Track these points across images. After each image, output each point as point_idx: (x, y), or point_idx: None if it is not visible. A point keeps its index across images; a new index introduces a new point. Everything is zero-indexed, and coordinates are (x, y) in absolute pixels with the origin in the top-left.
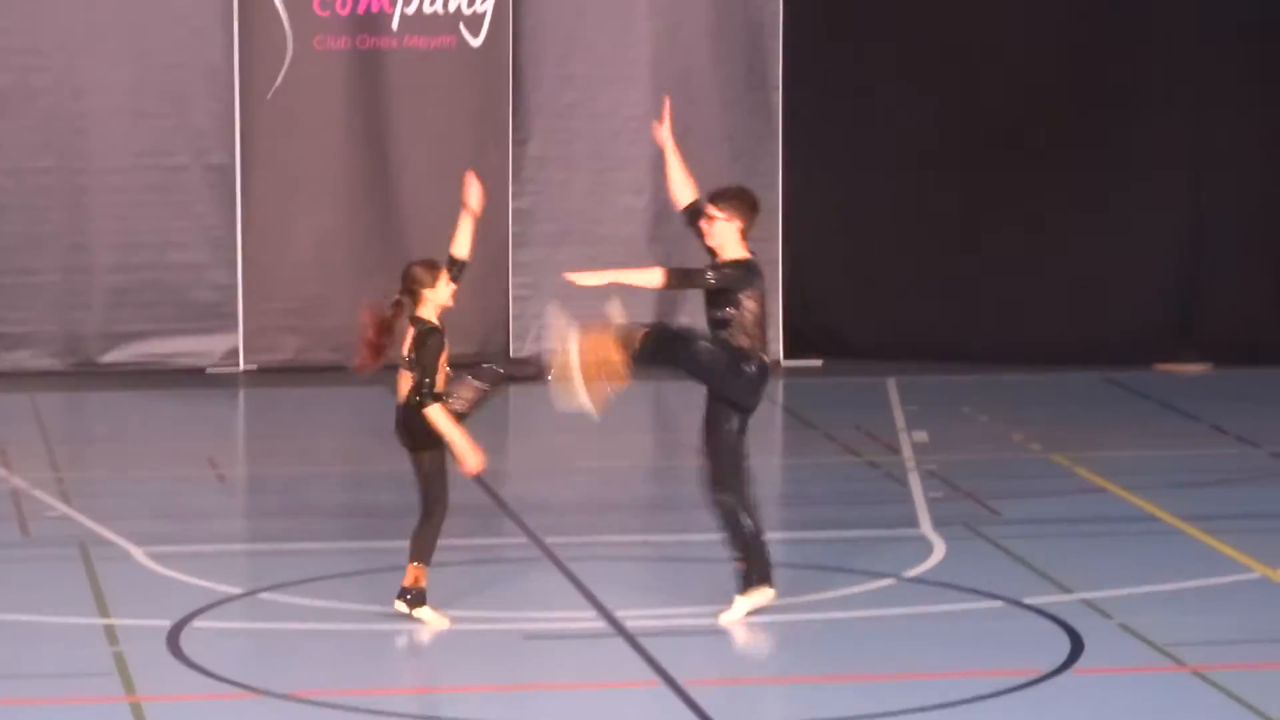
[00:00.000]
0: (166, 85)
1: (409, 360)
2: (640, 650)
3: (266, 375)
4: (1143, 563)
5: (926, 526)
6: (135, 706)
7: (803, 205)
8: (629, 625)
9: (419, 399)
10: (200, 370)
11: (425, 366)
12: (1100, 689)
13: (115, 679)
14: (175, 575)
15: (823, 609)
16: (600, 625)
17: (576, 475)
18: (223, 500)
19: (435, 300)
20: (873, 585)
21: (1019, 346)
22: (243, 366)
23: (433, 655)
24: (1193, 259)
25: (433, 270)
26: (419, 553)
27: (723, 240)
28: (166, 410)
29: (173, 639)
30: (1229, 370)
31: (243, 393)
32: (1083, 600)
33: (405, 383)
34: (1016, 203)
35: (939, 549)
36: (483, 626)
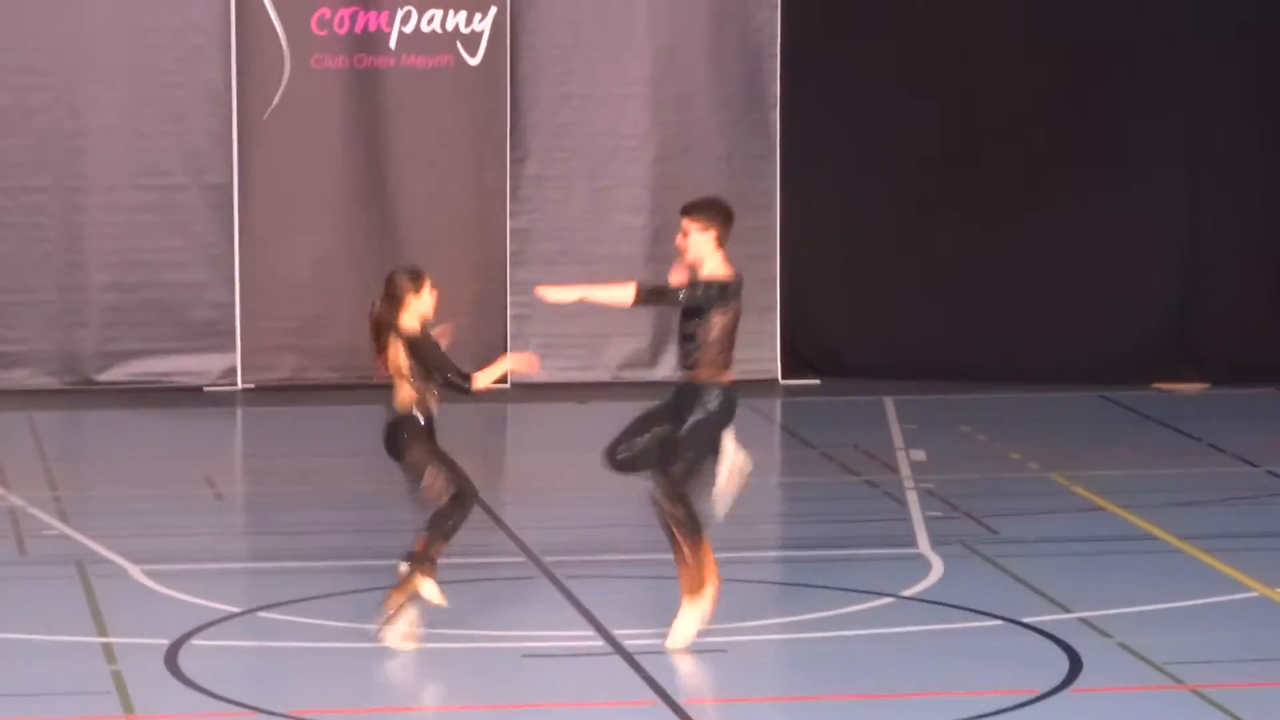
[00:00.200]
0: (164, 104)
1: (402, 369)
2: (638, 669)
3: (264, 394)
4: (1141, 581)
5: (924, 545)
6: None
7: (800, 224)
8: (627, 644)
9: (462, 386)
10: (198, 389)
11: (437, 365)
12: (1099, 708)
13: (114, 697)
14: (173, 593)
15: (820, 628)
16: (598, 644)
17: (574, 494)
18: (220, 518)
19: (418, 309)
20: (871, 604)
21: (1017, 365)
22: (240, 385)
23: (429, 674)
24: (1191, 278)
25: (416, 278)
26: (434, 527)
27: (700, 252)
28: (164, 429)
29: (171, 657)
30: (1226, 389)
31: (240, 411)
32: (1081, 619)
33: (402, 391)
34: (1014, 222)
35: (937, 568)
36: (481, 645)
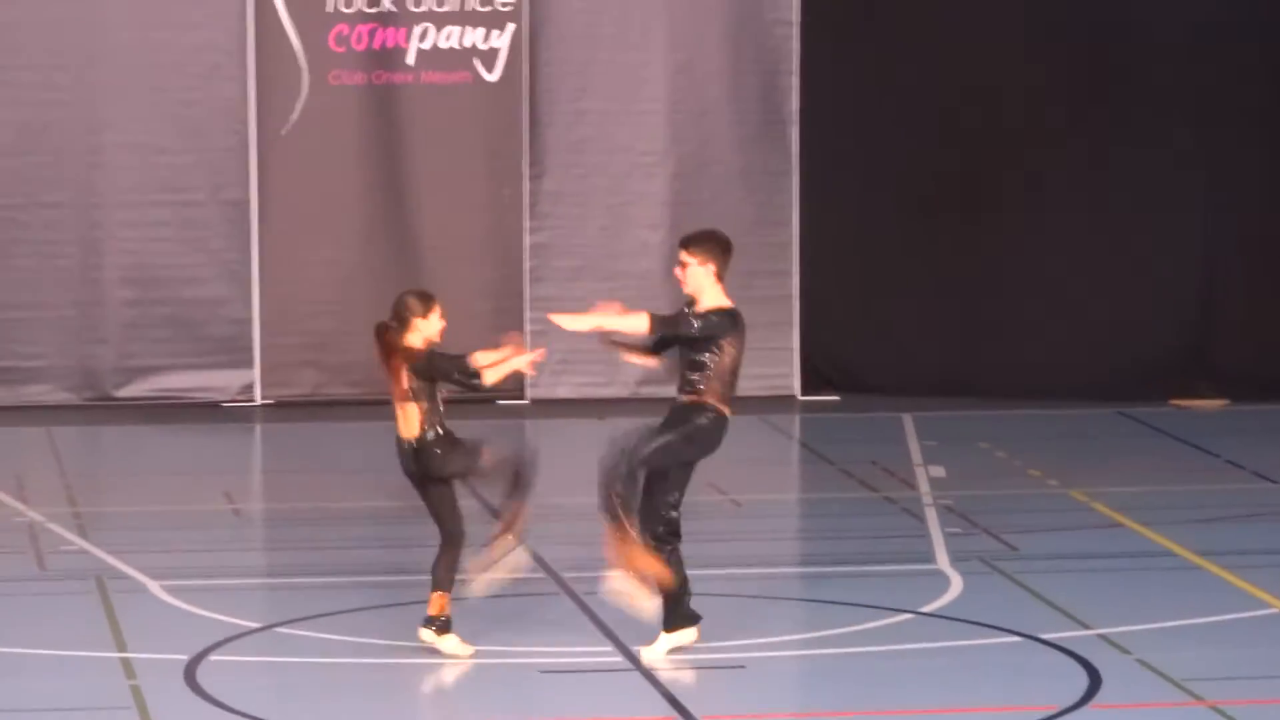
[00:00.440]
0: (183, 120)
1: (412, 392)
2: (657, 685)
3: (283, 409)
4: (1160, 598)
5: (944, 561)
6: None
7: (818, 240)
8: (646, 659)
9: (472, 383)
10: (216, 404)
11: (447, 369)
12: None
13: (133, 713)
14: (192, 609)
15: (840, 644)
16: (617, 659)
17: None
18: (239, 534)
19: (425, 331)
20: (890, 620)
21: (1035, 381)
22: (259, 401)
23: (449, 689)
24: (1209, 294)
25: (426, 302)
26: (440, 581)
27: (698, 285)
28: (183, 444)
29: (190, 673)
30: (1245, 406)
31: (259, 427)
32: (1100, 635)
33: (412, 416)
34: (1032, 238)
35: (956, 584)
36: (499, 660)
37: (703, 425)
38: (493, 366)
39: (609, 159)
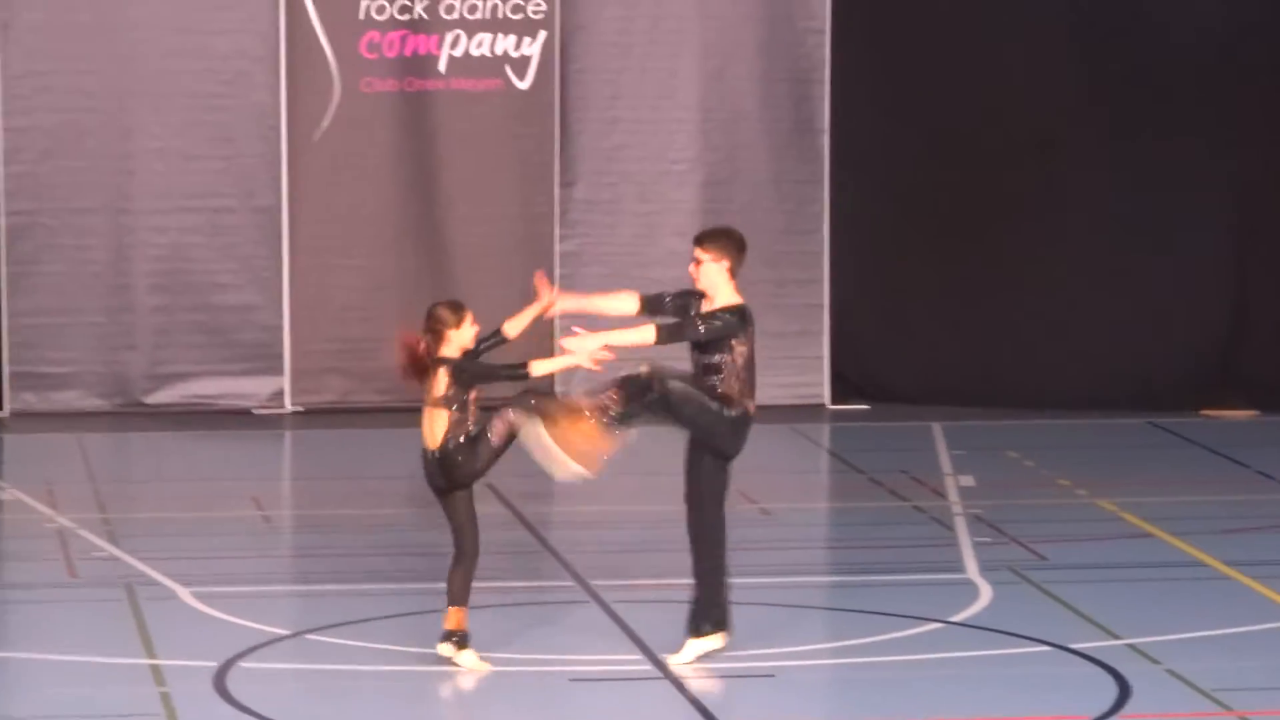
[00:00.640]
0: (214, 127)
1: (443, 400)
2: (685, 694)
3: (313, 417)
4: (1190, 608)
5: (973, 571)
6: None
7: (849, 249)
8: (674, 668)
9: (519, 374)
10: (246, 411)
11: (487, 375)
12: None
13: (162, 719)
14: (222, 616)
15: (869, 653)
16: (645, 668)
17: (622, 517)
18: (268, 541)
19: (458, 341)
20: (919, 629)
21: (1064, 391)
22: (289, 408)
23: (477, 698)
24: (1239, 304)
25: (457, 311)
26: (457, 596)
27: (712, 282)
28: (212, 451)
29: (219, 680)
30: (1275, 416)
31: (289, 434)
32: (1130, 645)
33: (439, 424)
34: (1061, 246)
35: (985, 593)
36: (527, 669)
37: (726, 416)
38: (542, 360)
39: (640, 167)
